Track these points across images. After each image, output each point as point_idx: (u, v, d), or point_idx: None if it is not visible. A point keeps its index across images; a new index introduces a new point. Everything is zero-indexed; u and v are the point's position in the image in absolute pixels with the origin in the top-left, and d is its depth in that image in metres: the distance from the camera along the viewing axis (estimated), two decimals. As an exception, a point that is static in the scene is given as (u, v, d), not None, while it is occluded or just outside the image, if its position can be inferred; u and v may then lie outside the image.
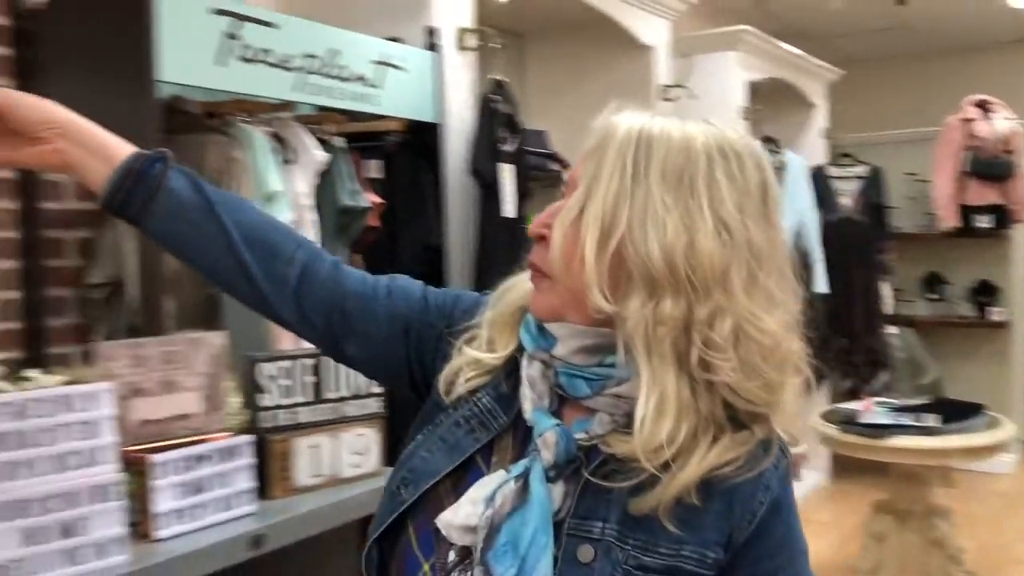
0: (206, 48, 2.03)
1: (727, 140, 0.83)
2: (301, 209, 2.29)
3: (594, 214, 0.81)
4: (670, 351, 0.79)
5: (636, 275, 0.80)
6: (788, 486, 0.86)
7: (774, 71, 4.62)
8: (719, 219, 0.81)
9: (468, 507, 0.82)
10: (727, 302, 0.80)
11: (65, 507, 1.09)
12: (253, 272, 0.94)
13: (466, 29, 2.76)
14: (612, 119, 0.86)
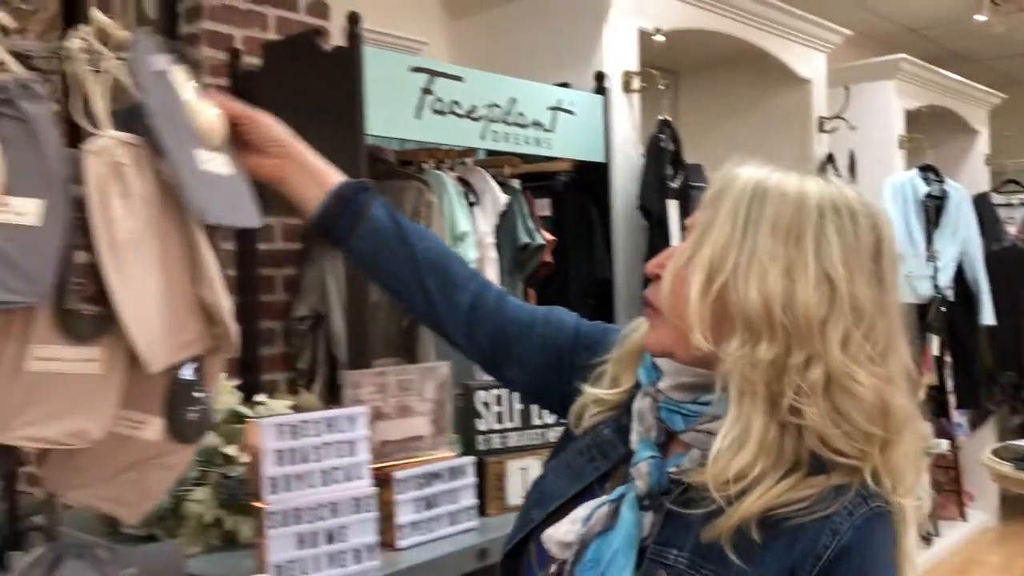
0: (406, 103, 2.22)
1: (843, 198, 0.86)
2: (484, 248, 2.46)
3: (702, 259, 0.85)
4: (762, 393, 0.82)
5: (736, 319, 0.84)
6: (871, 537, 0.83)
7: (933, 98, 4.54)
8: (822, 273, 0.83)
9: (567, 525, 0.90)
10: (822, 352, 0.82)
11: (330, 516, 1.25)
12: (433, 296, 1.06)
13: (632, 72, 2.88)
14: (733, 171, 0.90)
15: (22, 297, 0.88)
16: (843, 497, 0.82)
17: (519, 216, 2.57)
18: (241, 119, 1.03)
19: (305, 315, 2.49)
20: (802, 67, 3.70)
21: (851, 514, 0.82)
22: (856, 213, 0.86)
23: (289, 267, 2.54)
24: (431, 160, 2.44)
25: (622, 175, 2.84)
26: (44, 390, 0.92)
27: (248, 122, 1.03)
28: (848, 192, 0.88)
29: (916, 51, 5.10)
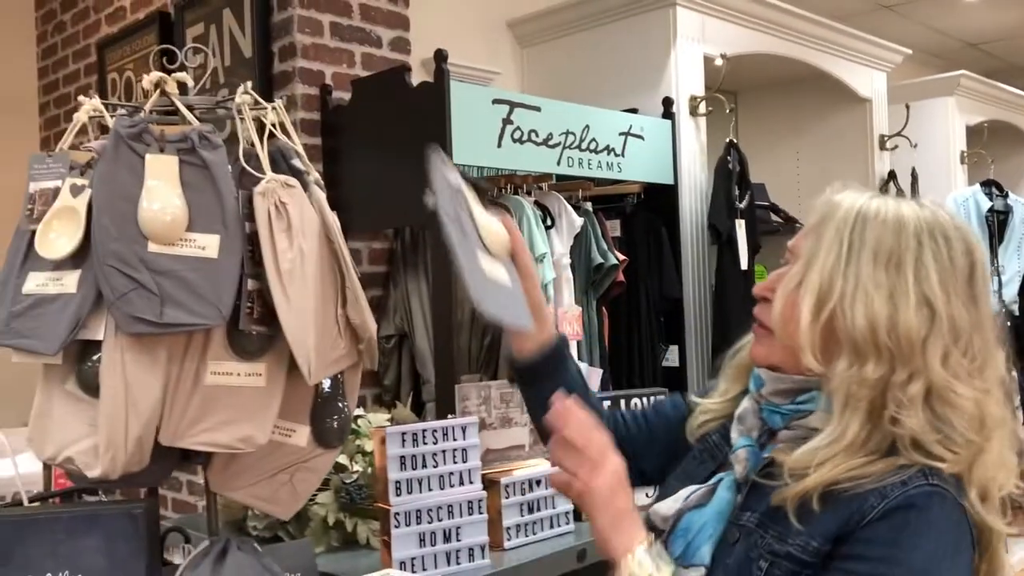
0: (489, 132, 2.35)
1: (938, 223, 0.94)
2: (560, 268, 2.57)
3: (811, 285, 0.93)
4: (864, 407, 0.90)
5: (844, 341, 0.91)
6: (924, 510, 0.87)
7: (994, 113, 4.55)
8: (922, 296, 0.91)
9: (670, 502, 1.02)
10: (923, 368, 0.90)
11: (447, 517, 1.37)
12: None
13: (698, 97, 2.98)
14: (834, 198, 0.97)
15: (205, 320, 1.02)
16: (905, 471, 0.88)
17: (593, 237, 2.68)
18: (516, 245, 1.11)
19: (391, 334, 2.62)
20: (862, 86, 3.77)
21: (904, 484, 0.88)
22: (950, 238, 0.94)
23: (375, 289, 2.68)
24: (509, 185, 2.57)
25: (689, 196, 2.94)
26: (218, 401, 1.06)
27: (519, 251, 1.12)
28: (942, 216, 0.95)
29: (978, 66, 5.12)
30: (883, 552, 0.87)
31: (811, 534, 0.90)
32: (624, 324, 2.88)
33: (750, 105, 4.16)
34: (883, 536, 0.87)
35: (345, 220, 2.52)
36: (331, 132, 2.61)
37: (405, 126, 2.40)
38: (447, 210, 1.03)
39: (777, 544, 0.92)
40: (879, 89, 3.86)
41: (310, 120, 2.60)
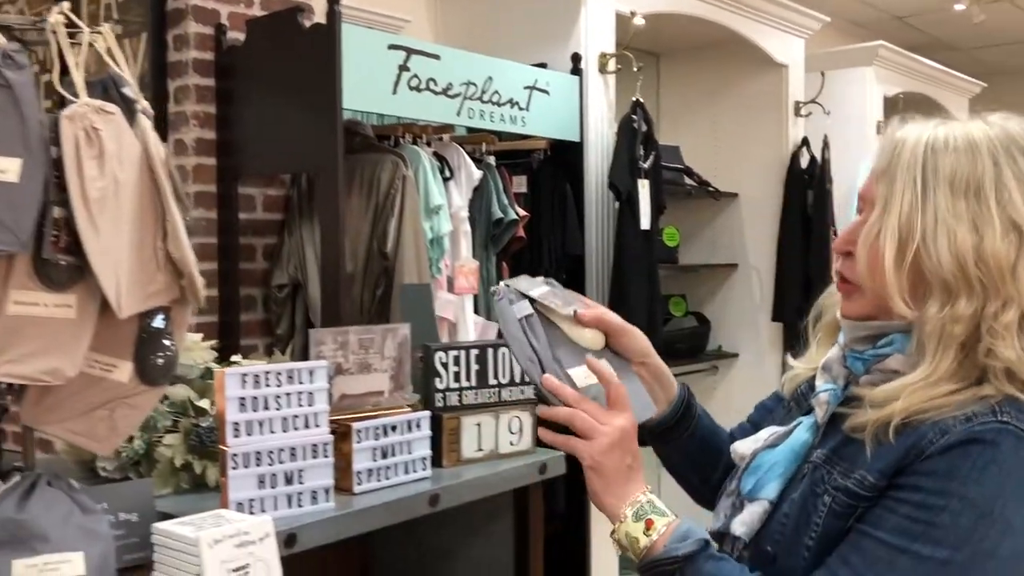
0: (383, 79, 2.31)
1: (1012, 139, 0.90)
2: (458, 221, 2.56)
3: (890, 231, 0.89)
4: (956, 344, 0.87)
5: (932, 281, 0.88)
6: (986, 445, 0.83)
7: (912, 85, 4.63)
8: (1008, 220, 0.87)
9: (749, 442, 1.04)
10: (1017, 295, 0.86)
11: (289, 460, 1.36)
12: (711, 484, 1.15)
13: (607, 54, 2.97)
14: (897, 135, 0.92)
15: (3, 246, 0.98)
16: (983, 403, 0.85)
17: (494, 191, 2.67)
18: (613, 331, 1.06)
19: (284, 283, 2.59)
20: (779, 52, 3.79)
21: (969, 420, 0.84)
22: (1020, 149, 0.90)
23: (269, 236, 2.64)
24: (408, 135, 2.53)
25: (595, 154, 2.93)
26: (23, 331, 1.03)
27: (619, 334, 1.07)
28: (1013, 129, 0.91)
29: (902, 38, 5.19)
30: (939, 484, 0.84)
31: (870, 469, 0.88)
32: (526, 279, 2.87)
33: (672, 68, 4.17)
34: (941, 469, 0.84)
35: (238, 164, 2.53)
36: (225, 73, 2.54)
37: (298, 69, 2.34)
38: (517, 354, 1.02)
39: (841, 479, 0.90)
40: (796, 55, 3.89)
41: (203, 60, 2.52)
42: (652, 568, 0.93)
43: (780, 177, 3.81)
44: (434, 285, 2.45)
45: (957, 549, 0.82)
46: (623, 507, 0.95)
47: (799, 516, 0.93)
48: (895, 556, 0.84)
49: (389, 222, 2.35)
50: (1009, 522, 0.82)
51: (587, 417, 0.96)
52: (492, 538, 1.81)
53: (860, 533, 0.87)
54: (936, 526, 0.83)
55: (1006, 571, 0.83)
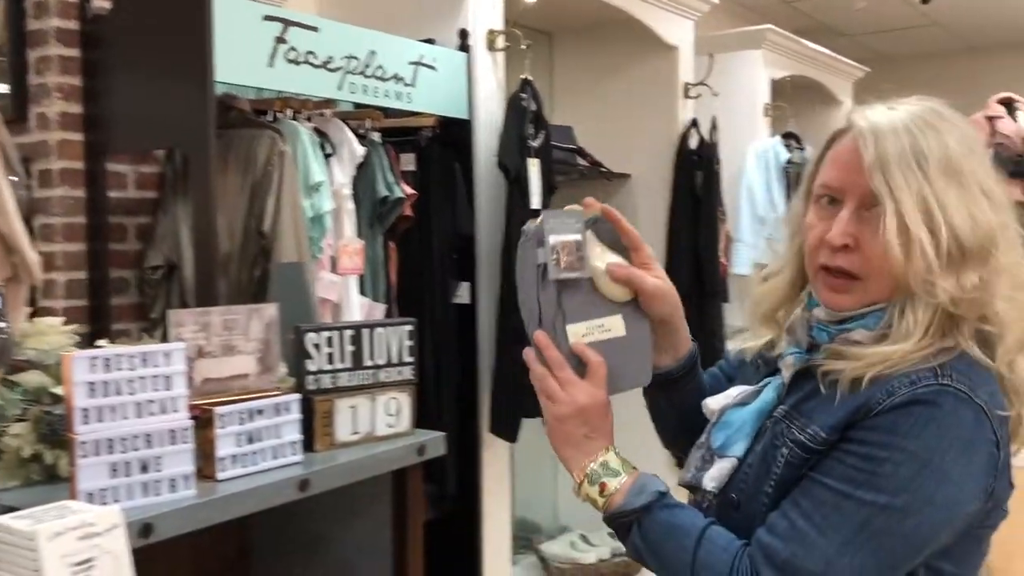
0: (257, 51, 2.22)
1: (948, 115, 1.00)
2: (341, 199, 2.49)
3: (913, 218, 0.94)
4: (942, 307, 0.95)
5: (954, 258, 0.95)
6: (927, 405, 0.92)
7: (799, 69, 4.73)
8: (984, 191, 0.97)
9: (720, 398, 1.11)
10: (1001, 259, 0.96)
11: (144, 447, 1.29)
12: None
13: (495, 31, 2.93)
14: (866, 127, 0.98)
15: None
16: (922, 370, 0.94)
17: (379, 169, 2.61)
18: (645, 293, 1.08)
19: (158, 264, 2.48)
20: (669, 34, 3.82)
21: (913, 383, 0.93)
22: (960, 125, 1.00)
23: (142, 216, 2.52)
24: (287, 110, 2.45)
25: (485, 132, 2.90)
26: None
27: (651, 296, 1.08)
28: (941, 108, 1.01)
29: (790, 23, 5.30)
30: (883, 438, 0.92)
31: (823, 425, 0.97)
32: (416, 260, 2.83)
33: (565, 48, 4.15)
34: (886, 425, 0.93)
35: (106, 139, 2.40)
36: (91, 43, 2.40)
37: (168, 40, 2.23)
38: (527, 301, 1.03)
39: (798, 433, 0.99)
40: (686, 37, 3.92)
41: (67, 29, 2.38)
42: (611, 520, 1.03)
43: (670, 158, 3.85)
44: (316, 265, 2.39)
45: (896, 495, 0.91)
46: (578, 471, 1.04)
47: (760, 466, 1.02)
48: (840, 500, 0.93)
49: (267, 200, 2.27)
50: (946, 473, 0.92)
51: (554, 384, 1.02)
52: (371, 521, 1.77)
53: (811, 480, 0.96)
54: (879, 475, 0.92)
55: (941, 516, 0.93)
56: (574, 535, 3.65)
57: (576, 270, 1.01)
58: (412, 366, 1.71)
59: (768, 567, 0.94)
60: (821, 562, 0.92)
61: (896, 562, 0.94)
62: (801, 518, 0.94)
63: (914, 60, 7.01)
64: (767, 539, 0.96)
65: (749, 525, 1.00)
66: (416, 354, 1.71)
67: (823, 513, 0.94)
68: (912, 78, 5.31)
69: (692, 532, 0.99)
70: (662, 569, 1.01)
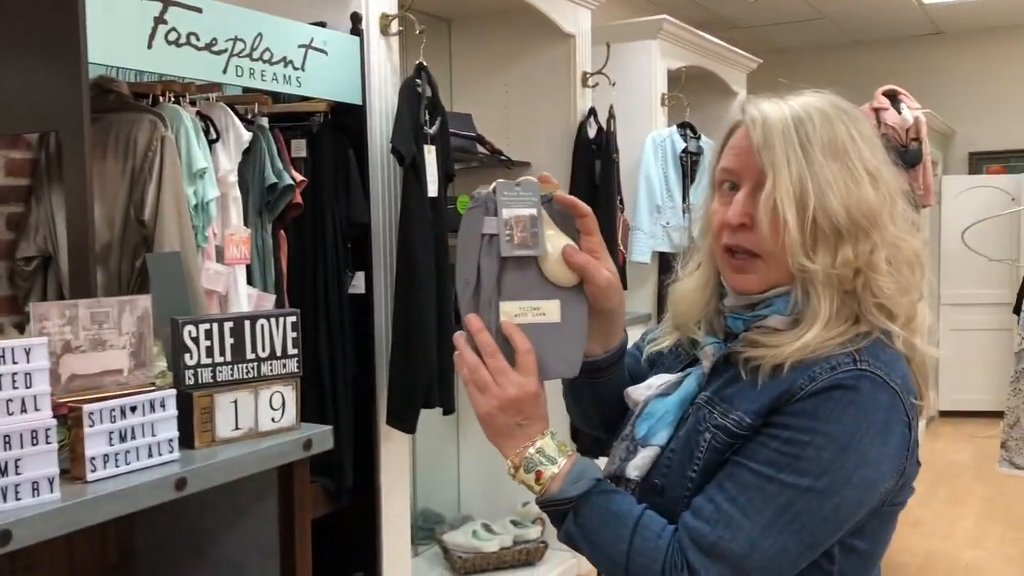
0: (135, 32, 2.12)
1: (841, 104, 1.04)
2: (227, 186, 2.40)
3: (788, 196, 0.99)
4: (840, 287, 0.99)
5: (828, 234, 0.99)
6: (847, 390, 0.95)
7: (694, 59, 4.81)
8: (868, 171, 1.00)
9: (643, 388, 1.13)
10: (882, 235, 1.00)
11: (2, 449, 1.21)
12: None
13: (389, 15, 2.88)
14: (755, 112, 1.03)
15: None
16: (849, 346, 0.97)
17: (267, 155, 2.53)
18: (597, 286, 1.04)
19: (31, 255, 2.35)
20: (567, 23, 3.83)
21: (833, 368, 0.96)
22: (854, 112, 1.05)
23: (15, 204, 2.39)
24: (169, 93, 2.35)
25: (379, 119, 2.84)
26: None
27: (602, 288, 1.05)
28: (833, 97, 1.06)
29: (686, 14, 5.39)
30: (805, 423, 0.95)
31: (747, 411, 0.99)
32: (309, 249, 2.76)
33: (464, 35, 4.12)
34: (807, 410, 0.96)
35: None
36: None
37: (38, 18, 2.11)
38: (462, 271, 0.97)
39: (721, 419, 1.01)
40: (583, 26, 3.94)
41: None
42: (548, 507, 1.03)
43: (569, 147, 3.87)
44: (201, 255, 2.30)
45: (818, 477, 0.95)
46: (513, 457, 1.03)
47: (683, 451, 1.04)
48: (765, 483, 0.96)
49: (147, 187, 2.17)
50: (864, 454, 0.95)
51: (486, 375, 1.01)
52: (257, 519, 1.71)
53: (735, 464, 0.99)
54: (801, 458, 0.95)
55: (859, 497, 0.97)
56: (476, 524, 3.64)
57: (528, 247, 0.97)
58: (297, 358, 1.66)
59: (695, 550, 0.97)
60: (746, 544, 0.95)
61: (816, 541, 0.97)
62: (726, 502, 0.97)
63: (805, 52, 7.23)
64: (693, 523, 0.98)
65: (672, 510, 1.02)
66: (300, 346, 1.66)
67: (748, 496, 0.96)
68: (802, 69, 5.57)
69: (628, 520, 1.00)
70: (596, 554, 1.02)
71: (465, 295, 0.99)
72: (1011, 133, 7.06)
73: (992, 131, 7.13)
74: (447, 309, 2.90)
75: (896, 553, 4.14)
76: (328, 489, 2.74)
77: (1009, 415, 3.91)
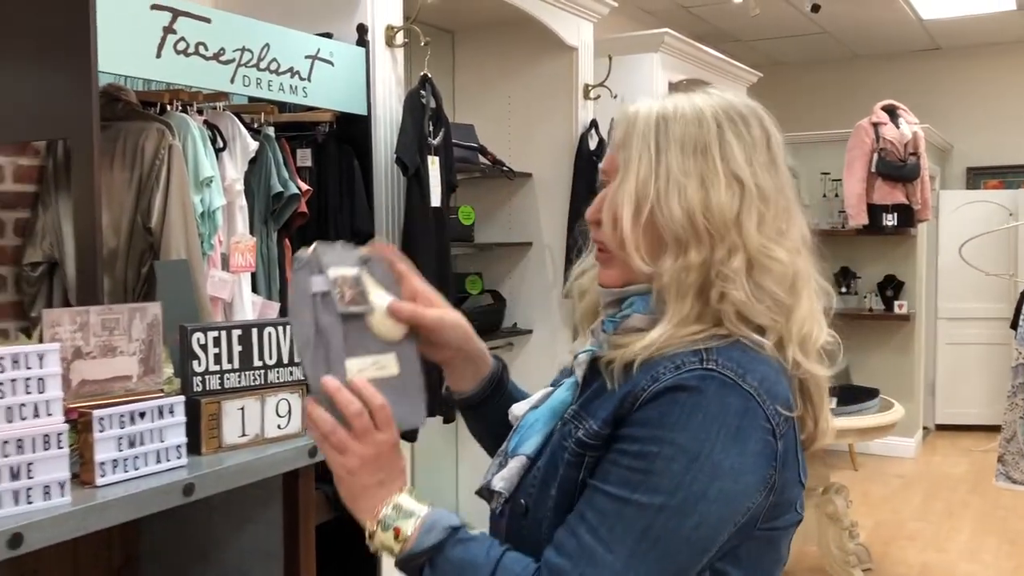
0: (144, 41, 2.15)
1: (731, 106, 0.99)
2: (233, 194, 2.43)
3: (628, 193, 0.96)
4: (693, 291, 0.94)
5: (667, 236, 0.95)
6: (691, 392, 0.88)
7: (695, 72, 4.85)
8: (730, 174, 0.95)
9: (523, 404, 1.09)
10: (741, 241, 0.94)
11: (15, 453, 1.23)
12: None
13: (395, 27, 2.91)
14: (630, 111, 1.00)
15: None
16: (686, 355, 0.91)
17: (272, 164, 2.55)
18: (429, 327, 1.01)
19: (38, 261, 2.37)
20: (569, 35, 3.86)
21: (678, 368, 0.90)
22: (744, 114, 0.99)
23: (21, 210, 2.41)
24: (176, 102, 2.37)
25: (384, 129, 2.87)
26: None
27: (436, 329, 1.02)
28: (732, 99, 1.00)
29: (687, 27, 5.43)
30: (651, 433, 0.89)
31: (595, 417, 0.94)
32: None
33: (467, 47, 4.15)
34: (652, 417, 0.89)
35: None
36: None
37: (49, 26, 2.13)
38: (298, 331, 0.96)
39: (582, 432, 0.95)
40: (586, 39, 3.97)
41: None
42: (405, 564, 0.95)
43: (570, 158, 3.89)
44: (207, 263, 2.32)
45: (672, 495, 0.87)
46: (370, 521, 0.95)
47: (547, 469, 0.98)
48: (621, 507, 0.88)
49: (154, 195, 2.19)
50: (717, 465, 0.87)
51: (344, 435, 0.93)
52: (262, 525, 1.73)
53: (592, 489, 0.92)
54: (653, 473, 0.88)
55: (719, 512, 0.88)
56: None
57: (359, 304, 0.97)
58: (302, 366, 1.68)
59: None
60: None
61: (682, 567, 0.89)
62: (587, 533, 0.89)
63: (804, 66, 7.27)
64: (556, 560, 0.90)
65: (537, 532, 0.96)
66: (308, 354, 1.68)
67: (608, 525, 0.88)
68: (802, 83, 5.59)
69: (486, 567, 0.92)
70: None
71: (306, 355, 0.97)
72: (1009, 148, 7.10)
73: (990, 146, 7.17)
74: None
75: (892, 565, 4.16)
76: (328, 496, 2.75)
77: (1006, 429, 3.93)
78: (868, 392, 4.06)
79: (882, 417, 3.73)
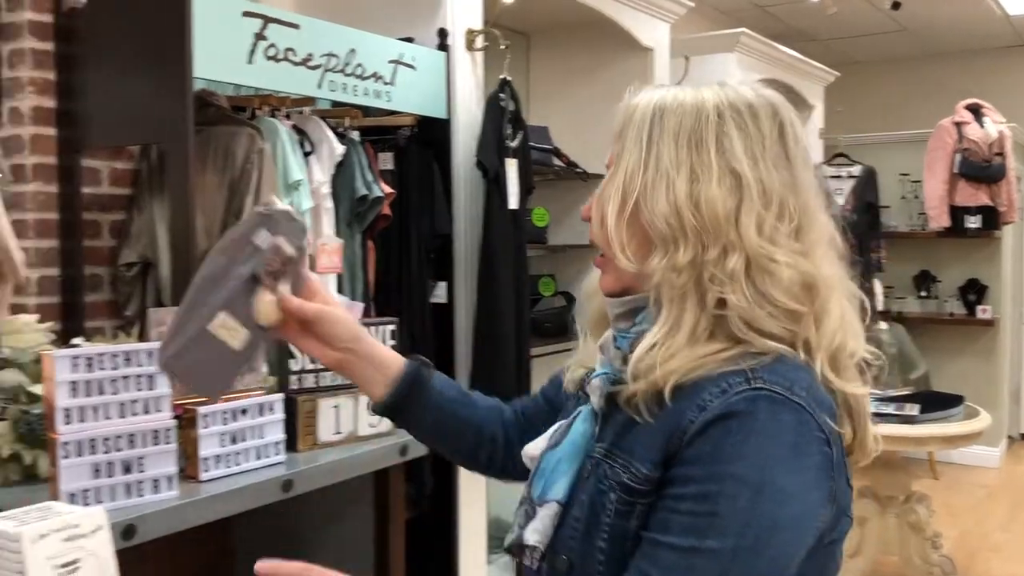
0: (237, 47, 2.20)
1: (740, 97, 0.90)
2: (320, 197, 2.47)
3: (616, 187, 0.90)
4: (691, 294, 0.85)
5: (653, 233, 0.88)
6: (742, 417, 0.81)
7: (771, 72, 4.78)
8: (726, 167, 0.87)
9: (539, 442, 0.99)
10: (737, 241, 0.85)
11: (127, 447, 1.27)
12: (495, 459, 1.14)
13: (475, 31, 2.93)
14: (631, 101, 0.93)
15: None
16: (739, 364, 0.83)
17: (357, 168, 2.59)
18: (310, 319, 1.01)
19: (133, 262, 2.45)
20: (645, 36, 3.83)
21: (724, 392, 0.82)
22: (754, 106, 0.90)
23: (117, 212, 2.49)
24: (265, 107, 2.43)
25: (464, 132, 2.89)
26: None
27: (317, 321, 1.01)
28: (744, 91, 0.92)
29: (763, 27, 5.36)
30: (707, 469, 0.81)
31: (642, 459, 0.85)
32: (395, 259, 2.82)
33: (542, 49, 4.16)
34: (705, 452, 0.81)
35: (81, 135, 2.36)
36: (66, 37, 2.37)
37: (146, 34, 2.20)
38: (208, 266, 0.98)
39: (622, 473, 0.86)
40: (662, 40, 3.94)
41: (41, 23, 2.35)
42: None
43: (646, 159, 3.87)
44: (295, 264, 2.36)
45: (742, 534, 0.79)
46: None
47: (589, 518, 0.88)
48: (691, 559, 0.80)
49: (245, 198, 2.25)
50: (783, 489, 0.81)
51: None
52: (353, 522, 1.76)
53: (652, 544, 0.83)
54: (718, 515, 0.80)
55: (793, 538, 0.82)
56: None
57: (273, 280, 0.98)
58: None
59: None
60: None
61: None
62: None
63: (883, 65, 7.11)
64: None
65: None
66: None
67: None
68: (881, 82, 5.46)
69: None
70: None
71: (202, 284, 0.98)
72: (1099, 148, 6.84)
73: (1078, 145, 6.92)
74: (525, 319, 2.93)
75: (977, 578, 4.03)
76: (410, 494, 2.78)
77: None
78: (952, 399, 3.94)
79: (969, 425, 3.62)
